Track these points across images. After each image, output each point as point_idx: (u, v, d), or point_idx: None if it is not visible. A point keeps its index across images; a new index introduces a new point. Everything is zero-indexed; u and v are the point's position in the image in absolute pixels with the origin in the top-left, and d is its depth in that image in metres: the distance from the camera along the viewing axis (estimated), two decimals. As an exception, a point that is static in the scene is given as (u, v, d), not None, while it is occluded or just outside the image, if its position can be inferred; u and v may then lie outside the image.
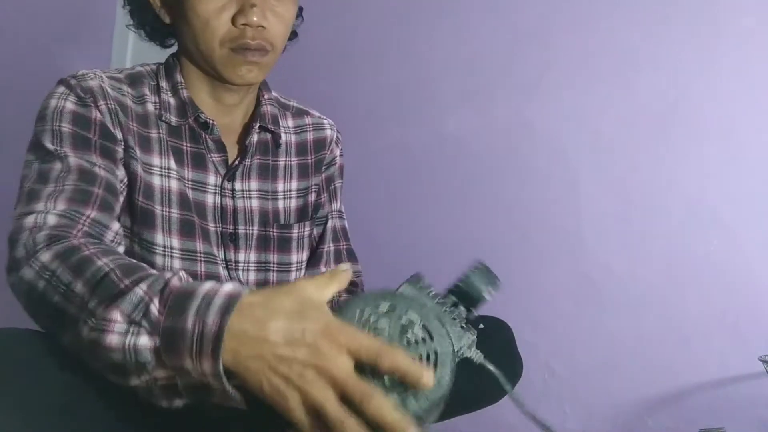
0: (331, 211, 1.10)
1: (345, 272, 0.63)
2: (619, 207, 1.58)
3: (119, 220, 0.85)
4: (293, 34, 1.01)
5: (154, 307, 0.58)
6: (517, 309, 1.60)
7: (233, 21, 0.87)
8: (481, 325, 0.97)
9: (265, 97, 1.02)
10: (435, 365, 0.59)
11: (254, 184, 0.99)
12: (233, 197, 0.96)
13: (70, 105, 0.85)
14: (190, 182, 0.92)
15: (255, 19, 0.86)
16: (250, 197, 0.98)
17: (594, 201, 1.60)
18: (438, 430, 1.03)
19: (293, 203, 1.03)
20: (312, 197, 1.06)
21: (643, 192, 1.56)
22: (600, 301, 1.57)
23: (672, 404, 1.48)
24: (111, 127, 0.86)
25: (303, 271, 1.06)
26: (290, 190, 1.04)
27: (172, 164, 0.91)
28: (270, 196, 1.00)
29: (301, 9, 1.00)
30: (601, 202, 1.60)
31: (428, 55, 1.82)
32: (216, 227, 0.93)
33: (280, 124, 1.03)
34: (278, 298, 0.58)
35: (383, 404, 0.55)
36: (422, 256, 1.70)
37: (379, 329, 0.60)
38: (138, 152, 0.89)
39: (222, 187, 0.95)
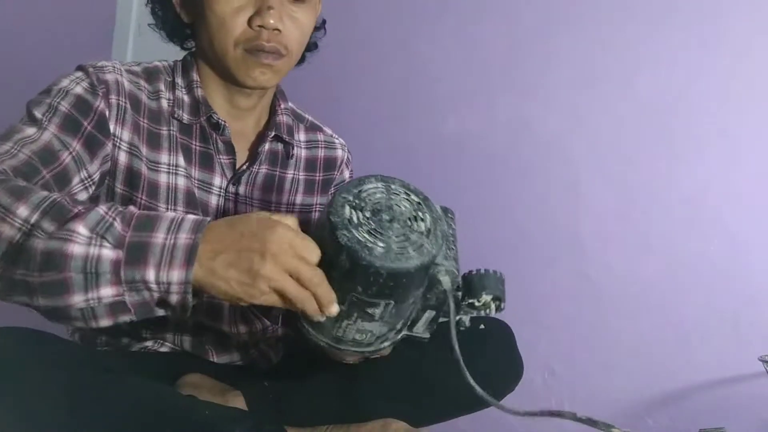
0: None
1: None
2: (619, 207, 1.58)
3: None
4: (313, 46, 1.00)
5: (117, 225, 0.62)
6: (517, 309, 1.60)
7: (249, 22, 0.87)
8: (482, 326, 0.97)
9: (282, 106, 1.01)
10: (410, 253, 0.64)
11: (257, 193, 0.99)
12: (236, 201, 0.96)
13: (78, 89, 0.85)
14: (197, 181, 0.92)
15: (271, 21, 0.86)
16: (252, 205, 0.98)
17: (594, 201, 1.60)
18: (438, 430, 1.03)
19: (298, 217, 1.03)
20: (316, 216, 1.06)
21: (643, 192, 1.56)
22: (600, 301, 1.57)
23: (672, 404, 1.48)
24: (110, 123, 0.86)
25: None
26: (293, 204, 1.04)
27: (181, 161, 0.91)
28: (272, 208, 0.99)
29: (324, 21, 0.99)
30: (601, 202, 1.59)
31: (428, 55, 1.81)
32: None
33: (294, 135, 1.03)
34: (240, 219, 0.65)
35: (315, 275, 0.63)
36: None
37: (398, 204, 0.67)
38: (144, 150, 0.89)
39: (226, 190, 0.95)
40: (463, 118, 1.76)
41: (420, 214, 0.67)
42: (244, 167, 0.96)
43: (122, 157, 0.88)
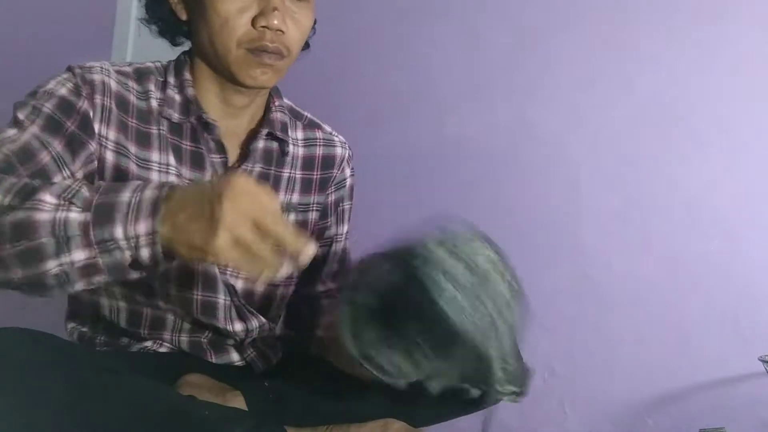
0: (337, 234, 1.09)
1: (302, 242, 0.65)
2: (619, 207, 1.57)
3: None
4: (305, 45, 1.00)
5: (85, 190, 0.65)
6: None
7: (253, 22, 0.87)
8: None
9: (276, 103, 1.00)
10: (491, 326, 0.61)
11: None
12: None
13: (63, 91, 0.86)
14: (188, 180, 0.92)
15: (276, 22, 0.86)
16: None
17: (594, 201, 1.60)
18: (439, 430, 1.03)
19: (290, 217, 1.02)
20: (313, 216, 1.05)
21: (643, 192, 1.56)
22: (600, 301, 1.57)
23: (672, 404, 1.48)
24: (94, 123, 0.86)
25: (293, 287, 1.05)
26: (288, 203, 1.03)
27: (171, 160, 0.91)
28: None
29: (314, 21, 1.00)
30: (601, 202, 1.59)
31: (428, 55, 1.81)
32: None
33: (289, 133, 1.02)
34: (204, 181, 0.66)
35: (282, 222, 0.63)
36: (422, 256, 1.70)
37: (498, 282, 0.65)
38: (133, 149, 0.89)
39: None
40: (464, 118, 1.76)
41: (514, 303, 0.64)
42: (236, 165, 0.96)
43: (109, 156, 0.88)
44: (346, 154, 1.09)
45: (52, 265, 0.63)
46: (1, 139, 0.80)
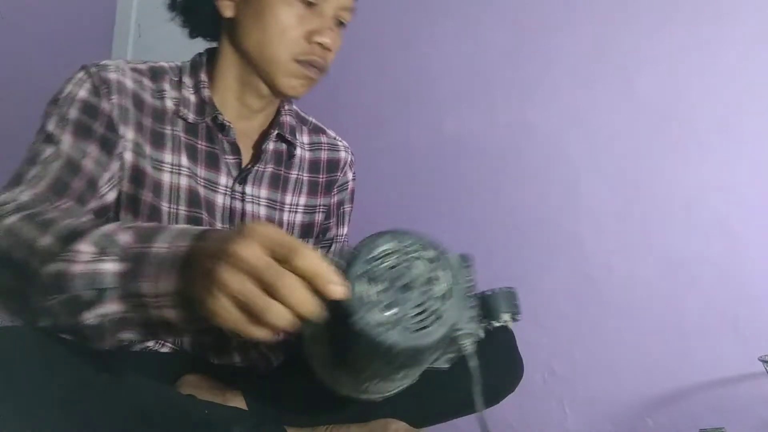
0: (338, 235, 1.11)
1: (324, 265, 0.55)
2: (619, 207, 1.58)
3: (118, 217, 0.87)
4: None
5: (121, 236, 0.60)
6: (517, 309, 1.60)
7: (308, 37, 0.90)
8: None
9: (285, 107, 1.03)
10: (430, 325, 0.61)
11: (264, 192, 0.99)
12: (243, 200, 0.97)
13: (83, 93, 0.86)
14: (202, 180, 0.93)
15: (329, 41, 0.91)
16: (258, 204, 0.98)
17: (594, 201, 1.60)
18: (439, 430, 1.03)
19: (298, 218, 1.04)
20: (319, 217, 1.07)
21: (643, 192, 1.56)
22: (600, 301, 1.57)
23: (672, 404, 1.48)
24: (117, 123, 0.87)
25: None
26: (297, 205, 1.04)
27: (184, 161, 0.92)
28: (278, 207, 1.01)
29: None
30: (601, 202, 1.59)
31: (428, 55, 1.81)
32: (224, 228, 0.93)
33: (297, 137, 1.04)
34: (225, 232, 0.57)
35: (310, 253, 0.53)
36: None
37: (412, 266, 0.62)
38: (148, 149, 0.89)
39: (233, 189, 0.96)
40: (463, 118, 1.76)
41: (436, 273, 0.63)
42: (250, 166, 0.97)
43: (128, 156, 0.88)
44: (349, 159, 1.12)
45: (89, 317, 0.60)
46: (43, 160, 0.81)
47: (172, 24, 1.02)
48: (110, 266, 0.59)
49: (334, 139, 1.12)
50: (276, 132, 0.99)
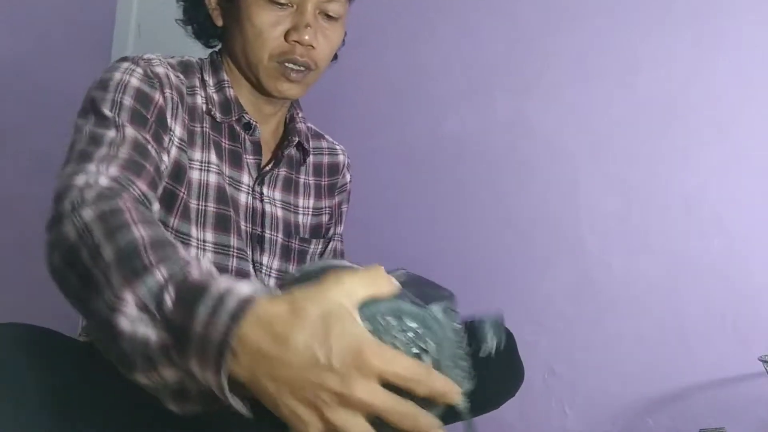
0: (335, 234, 1.13)
1: (383, 276, 0.55)
2: (619, 207, 1.58)
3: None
4: (334, 57, 1.04)
5: (168, 297, 0.53)
6: (517, 309, 1.60)
7: (286, 36, 0.90)
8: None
9: (300, 115, 1.06)
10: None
11: (278, 194, 1.01)
12: (262, 201, 0.98)
13: (135, 81, 0.85)
14: (228, 178, 0.93)
15: (307, 38, 0.90)
16: (275, 205, 1.00)
17: (594, 201, 1.60)
18: (438, 430, 1.03)
19: (309, 220, 1.06)
20: (325, 218, 1.09)
21: (643, 192, 1.56)
22: (600, 301, 1.57)
23: (672, 404, 1.48)
24: (167, 117, 0.87)
25: None
26: (308, 207, 1.07)
27: (213, 158, 0.92)
28: (292, 209, 1.02)
29: (344, 34, 1.02)
30: (601, 202, 1.59)
31: (428, 55, 1.81)
32: (246, 226, 0.94)
33: (310, 143, 1.07)
34: (302, 306, 0.50)
35: (436, 377, 0.51)
36: (422, 256, 1.70)
37: (396, 344, 0.54)
38: (185, 147, 0.90)
39: (253, 189, 0.97)
40: (463, 117, 1.76)
41: (420, 344, 0.55)
42: (268, 168, 0.98)
43: (173, 151, 0.88)
44: (347, 161, 1.16)
45: (143, 379, 0.54)
46: (109, 141, 0.77)
47: (172, 24, 1.04)
48: (153, 333, 0.52)
49: (333, 143, 1.15)
50: (297, 140, 1.02)
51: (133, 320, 0.53)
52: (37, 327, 0.68)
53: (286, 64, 0.91)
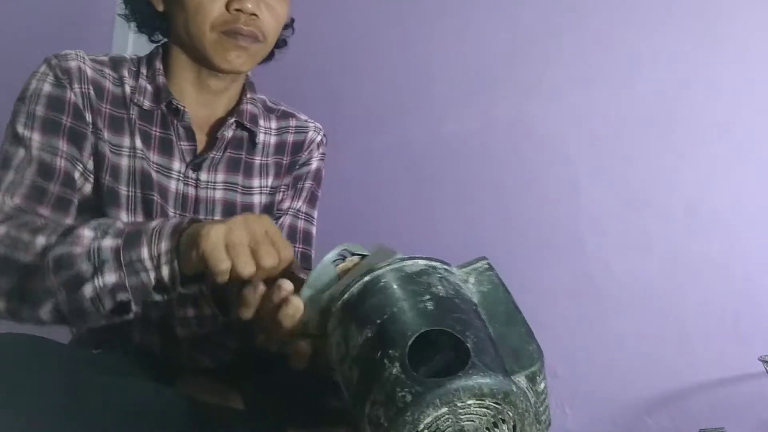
0: (291, 208, 1.07)
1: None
2: (619, 207, 1.58)
3: (89, 202, 0.89)
4: (282, 42, 1.03)
5: (119, 223, 0.72)
6: (517, 309, 1.60)
7: (227, 7, 0.90)
8: None
9: (248, 96, 1.02)
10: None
11: (221, 176, 0.99)
12: (196, 187, 0.97)
13: (47, 87, 0.89)
14: (155, 164, 0.94)
15: (249, 6, 0.89)
16: (214, 188, 0.98)
17: (594, 201, 1.60)
18: None
19: (264, 199, 1.03)
20: (279, 196, 1.07)
21: (643, 192, 1.56)
22: (600, 301, 1.57)
23: (672, 404, 1.48)
24: (82, 110, 0.90)
25: None
26: (266, 186, 1.04)
27: (138, 144, 0.93)
28: (240, 190, 1.00)
29: (292, 20, 1.01)
30: (601, 202, 1.59)
31: (428, 55, 1.81)
32: (175, 213, 0.94)
33: (260, 123, 1.04)
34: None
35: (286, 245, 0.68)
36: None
37: (471, 419, 0.52)
38: (107, 134, 0.91)
39: (186, 175, 0.96)
40: (463, 117, 1.76)
41: (500, 417, 0.51)
42: (204, 153, 0.97)
43: (97, 143, 0.91)
44: (318, 138, 1.10)
45: (89, 290, 0.69)
46: (16, 165, 0.84)
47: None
48: (110, 242, 0.69)
49: (305, 121, 1.10)
50: (234, 120, 0.99)
51: (89, 241, 0.70)
52: (32, 335, 0.68)
53: (232, 34, 0.90)
